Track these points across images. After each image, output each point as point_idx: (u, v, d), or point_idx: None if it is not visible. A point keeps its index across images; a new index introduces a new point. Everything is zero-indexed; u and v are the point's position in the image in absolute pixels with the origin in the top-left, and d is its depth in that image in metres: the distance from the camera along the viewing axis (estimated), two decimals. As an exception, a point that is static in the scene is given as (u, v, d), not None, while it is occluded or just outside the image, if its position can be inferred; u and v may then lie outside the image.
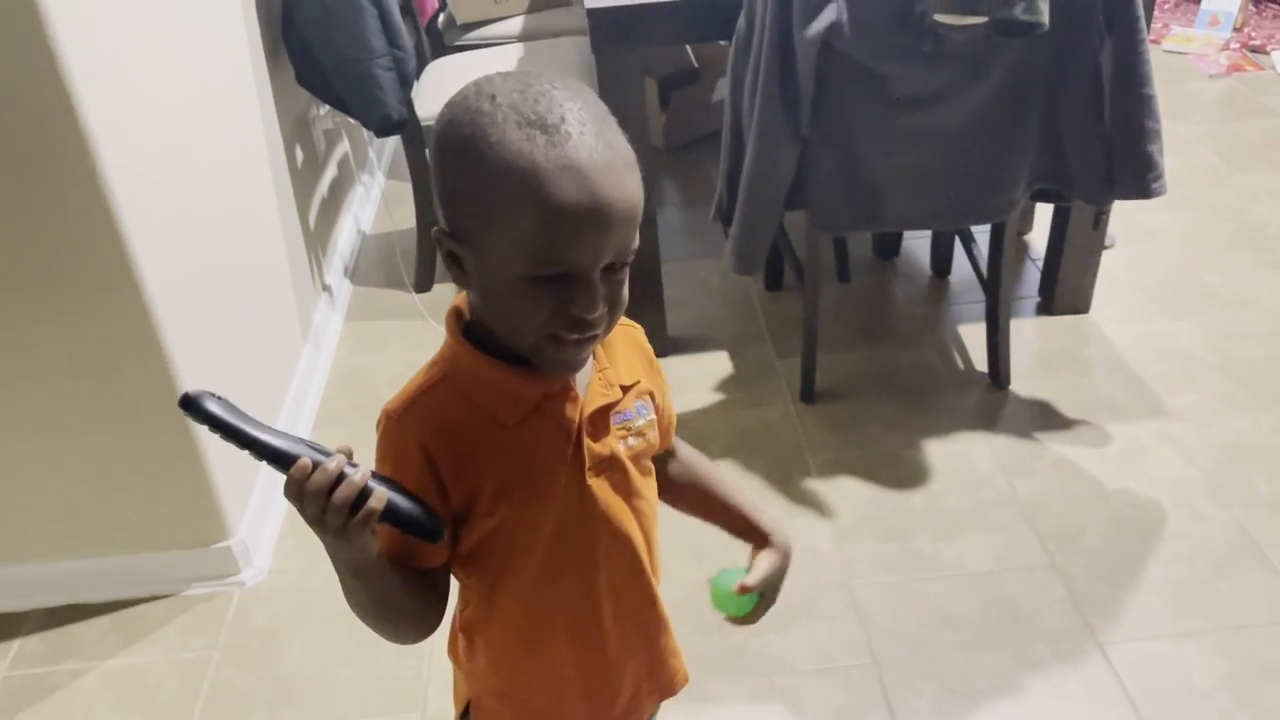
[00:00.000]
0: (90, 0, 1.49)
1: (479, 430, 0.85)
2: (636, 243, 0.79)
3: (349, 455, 0.76)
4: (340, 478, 0.74)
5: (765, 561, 1.03)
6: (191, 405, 0.74)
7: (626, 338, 0.95)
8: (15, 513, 1.79)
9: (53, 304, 1.60)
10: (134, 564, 1.86)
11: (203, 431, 1.70)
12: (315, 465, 0.74)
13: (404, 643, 0.91)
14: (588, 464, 0.88)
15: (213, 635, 1.79)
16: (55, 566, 1.84)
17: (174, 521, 1.83)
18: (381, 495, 0.76)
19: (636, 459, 0.93)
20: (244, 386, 1.99)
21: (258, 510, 1.94)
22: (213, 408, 0.74)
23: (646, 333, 0.99)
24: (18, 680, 1.73)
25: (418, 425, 0.84)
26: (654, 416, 0.95)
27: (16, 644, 1.80)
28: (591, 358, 0.90)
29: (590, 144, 0.74)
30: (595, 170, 0.73)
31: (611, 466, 0.91)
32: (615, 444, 0.91)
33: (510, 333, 0.82)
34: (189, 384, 1.70)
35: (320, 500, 0.74)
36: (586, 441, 0.88)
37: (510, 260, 0.76)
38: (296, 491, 0.75)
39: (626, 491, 0.93)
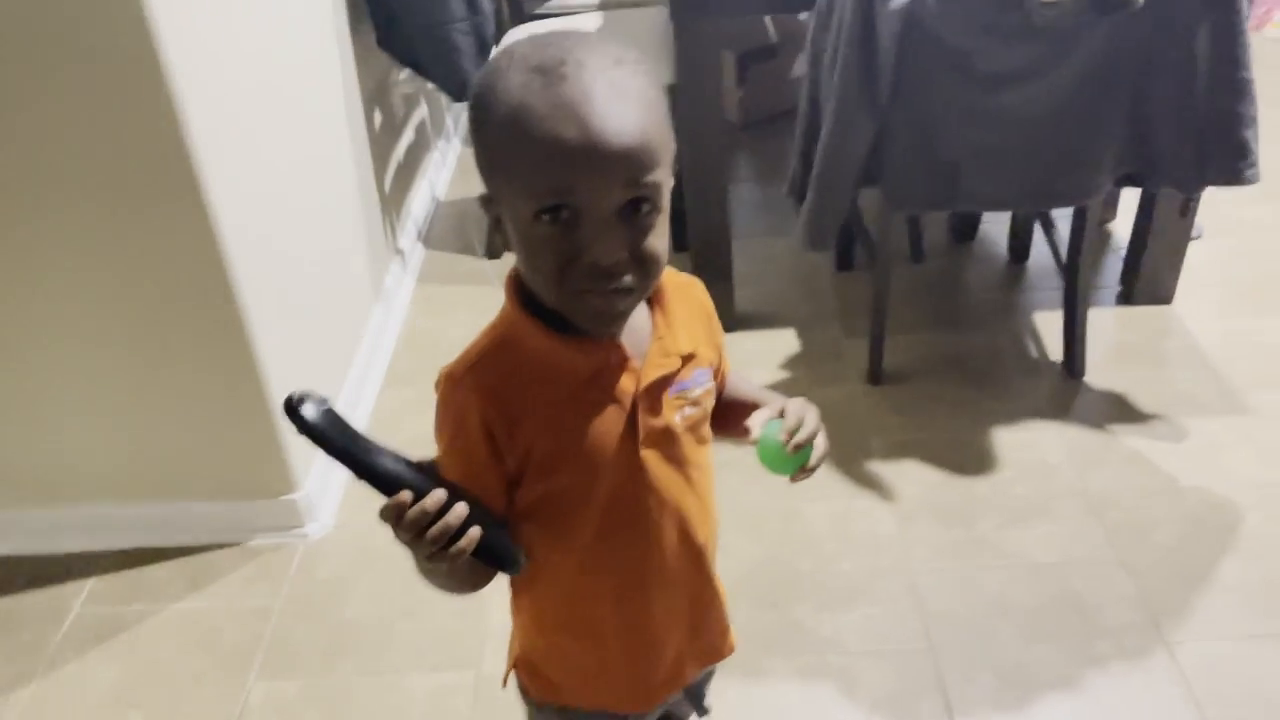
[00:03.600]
0: (180, -44, 1.52)
1: (533, 397, 0.84)
2: (658, 181, 0.76)
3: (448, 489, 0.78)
4: (437, 516, 0.77)
5: (790, 404, 0.92)
6: (293, 411, 0.74)
7: (686, 297, 0.93)
8: (92, 456, 1.85)
9: (133, 252, 1.64)
10: (203, 512, 1.91)
11: (273, 384, 1.76)
12: (416, 496, 0.76)
13: (462, 595, 0.93)
14: (641, 436, 0.88)
15: (276, 585, 1.83)
16: (129, 510, 1.90)
17: (243, 472, 1.87)
18: (474, 536, 0.78)
19: (692, 428, 0.92)
20: (316, 341, 2.03)
21: (324, 465, 1.98)
22: (311, 416, 0.74)
23: (715, 306, 0.98)
24: (90, 617, 1.79)
25: (474, 389, 0.84)
26: (712, 384, 0.94)
27: (90, 582, 1.86)
28: (650, 326, 0.88)
29: (587, 81, 0.73)
30: (588, 103, 0.72)
31: (665, 438, 0.90)
32: (671, 415, 0.90)
33: (541, 289, 0.81)
34: (262, 336, 1.74)
35: (414, 531, 0.77)
36: (642, 415, 0.87)
37: (520, 204, 0.76)
38: (393, 519, 0.77)
39: (680, 461, 0.92)
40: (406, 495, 0.76)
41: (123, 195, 1.58)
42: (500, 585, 0.94)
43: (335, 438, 0.75)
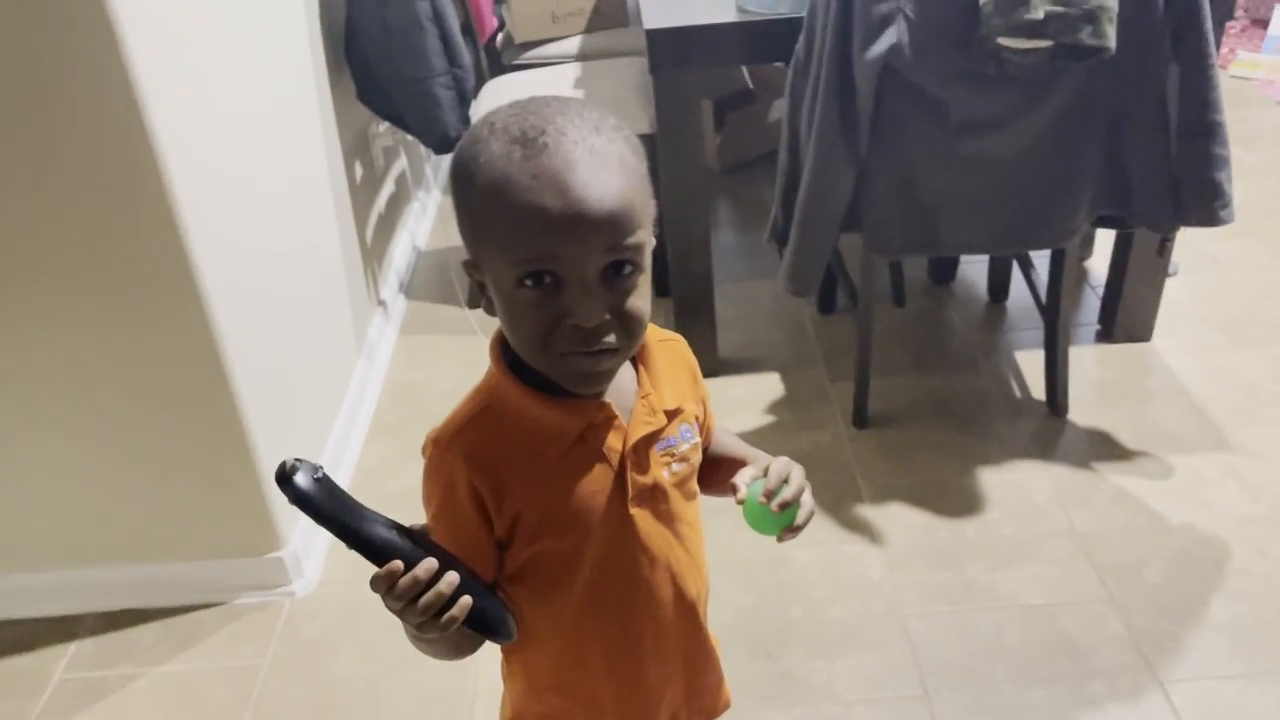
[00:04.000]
0: (162, 15, 1.53)
1: (521, 461, 0.85)
2: (639, 243, 0.77)
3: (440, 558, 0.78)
4: (428, 585, 0.77)
5: (774, 464, 0.91)
6: (285, 480, 0.74)
7: (670, 353, 0.94)
8: (75, 518, 1.82)
9: (114, 311, 1.63)
10: (187, 571, 1.88)
11: (257, 442, 1.74)
12: (407, 565, 0.76)
13: (452, 661, 0.92)
14: (631, 494, 0.88)
15: (263, 644, 1.81)
16: (112, 571, 1.87)
17: (227, 531, 1.85)
18: (465, 604, 0.78)
19: (680, 484, 0.92)
20: (300, 396, 2.02)
21: (310, 522, 1.95)
22: (304, 485, 0.74)
23: (697, 354, 0.98)
24: (74, 683, 1.76)
25: (462, 456, 0.84)
26: (698, 440, 0.94)
27: (73, 646, 1.83)
28: (635, 384, 0.89)
29: (567, 150, 0.74)
30: (569, 172, 0.73)
31: (654, 495, 0.90)
32: (659, 472, 0.90)
33: (526, 353, 0.81)
34: (246, 394, 1.73)
35: (406, 600, 0.77)
36: (630, 472, 0.87)
37: (503, 271, 0.77)
38: (384, 588, 0.77)
39: (669, 518, 0.92)
40: (398, 564, 0.76)
41: (104, 255, 1.58)
42: (491, 645, 0.93)
43: (327, 507, 0.75)
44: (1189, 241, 2.64)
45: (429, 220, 3.27)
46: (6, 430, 1.73)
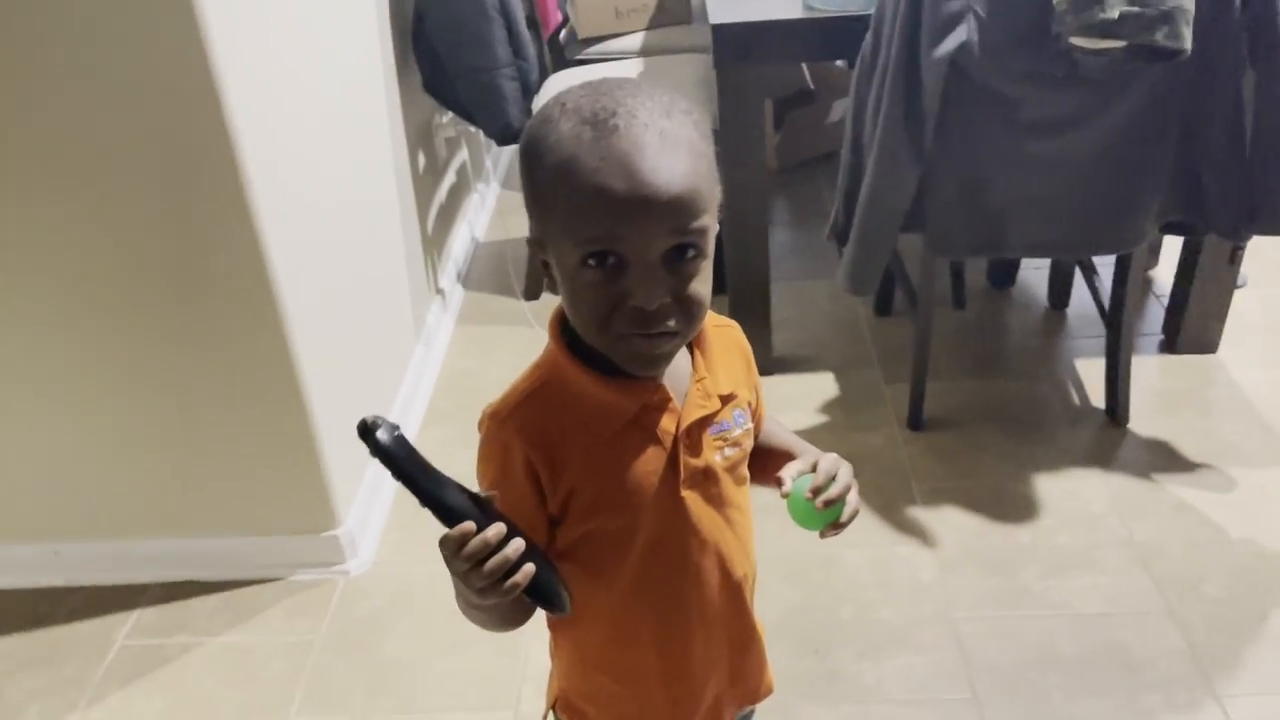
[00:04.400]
0: (240, 6, 1.56)
1: (576, 439, 0.85)
2: (703, 227, 0.77)
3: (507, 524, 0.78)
4: (496, 549, 0.77)
5: (822, 460, 0.92)
6: (367, 434, 0.75)
7: (725, 339, 0.94)
8: (140, 491, 1.87)
9: (184, 291, 1.67)
10: (247, 547, 1.92)
11: (318, 422, 1.77)
12: (477, 529, 0.76)
13: (499, 632, 0.93)
14: (683, 477, 0.88)
15: (317, 620, 1.84)
16: (174, 543, 1.92)
17: (287, 508, 1.88)
18: (529, 571, 0.78)
19: (732, 469, 0.93)
20: (360, 378, 2.05)
21: (365, 502, 1.99)
22: (385, 440, 0.75)
23: (753, 350, 0.98)
24: (135, 649, 1.80)
25: (518, 430, 0.85)
26: (750, 425, 0.95)
27: (135, 614, 1.87)
28: (690, 367, 0.89)
29: (638, 133, 0.75)
30: (638, 155, 0.74)
31: (706, 478, 0.90)
32: (711, 456, 0.90)
33: (586, 333, 0.82)
34: (309, 373, 1.76)
35: (472, 562, 0.76)
36: (683, 455, 0.88)
37: (567, 250, 0.77)
38: (452, 549, 0.77)
39: (720, 502, 0.92)
40: (470, 526, 0.76)
41: (177, 233, 1.62)
42: (539, 625, 0.94)
43: (405, 463, 0.76)
44: (1259, 252, 2.58)
45: (488, 212, 3.31)
46: (79, 404, 1.78)
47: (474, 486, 0.88)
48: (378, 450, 0.75)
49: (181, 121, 1.53)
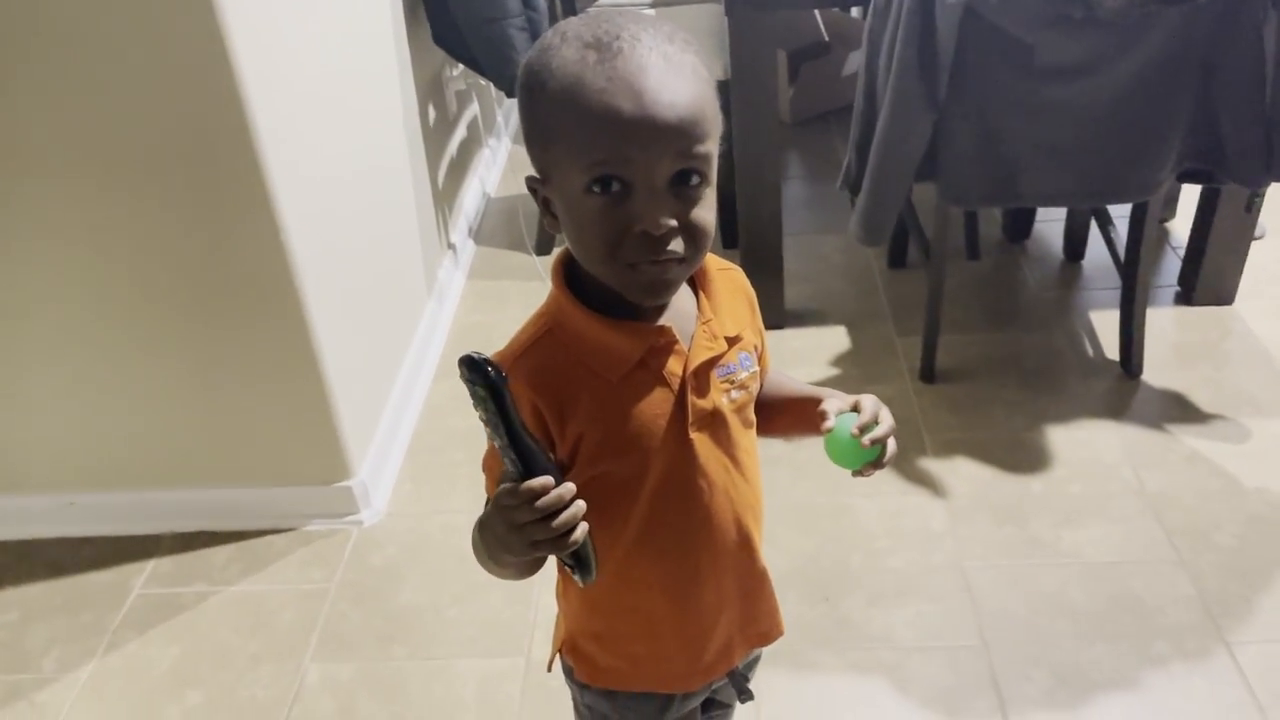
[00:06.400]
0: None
1: (583, 383, 0.85)
2: (707, 152, 0.77)
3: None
4: (565, 505, 0.76)
5: (865, 399, 0.92)
6: (476, 366, 0.73)
7: (729, 282, 0.94)
8: (155, 442, 1.89)
9: (195, 241, 1.67)
10: (261, 497, 1.94)
11: (331, 375, 1.78)
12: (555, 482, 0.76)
13: (511, 581, 0.93)
14: (690, 418, 0.88)
15: (330, 570, 1.86)
16: (189, 494, 1.94)
17: (300, 459, 1.90)
18: (584, 529, 0.78)
19: (739, 411, 0.92)
20: (372, 331, 2.05)
21: (378, 453, 2.00)
22: (494, 376, 0.73)
23: (764, 305, 0.98)
24: (151, 598, 1.83)
25: (525, 379, 0.84)
26: (756, 368, 0.94)
27: (151, 564, 1.90)
28: (695, 309, 0.89)
29: (642, 55, 0.74)
30: (643, 76, 0.74)
31: (714, 420, 0.90)
32: (719, 398, 0.90)
33: (592, 264, 0.81)
34: (322, 326, 1.76)
35: (540, 515, 0.76)
36: (690, 396, 0.87)
37: (571, 176, 0.77)
38: (525, 499, 0.76)
39: (728, 444, 0.92)
40: (549, 480, 0.76)
41: (188, 187, 1.62)
42: (548, 572, 0.94)
43: (506, 403, 0.75)
44: (1278, 203, 2.55)
45: (499, 168, 3.29)
46: (90, 354, 1.79)
47: (483, 443, 0.88)
48: (488, 384, 0.74)
49: (192, 81, 1.52)
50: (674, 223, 0.77)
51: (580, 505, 0.77)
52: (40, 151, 1.59)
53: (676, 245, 0.78)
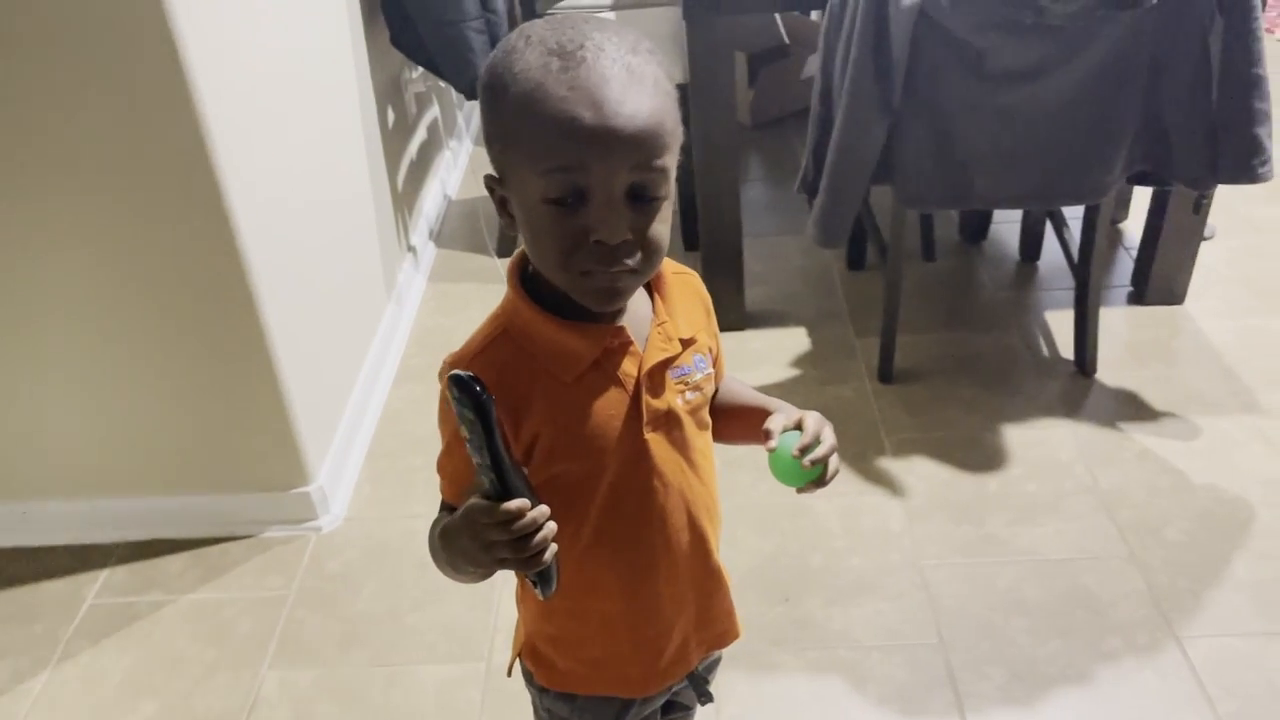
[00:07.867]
0: (198, -50, 1.53)
1: (537, 384, 0.85)
2: (665, 166, 0.77)
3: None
4: (538, 529, 0.76)
5: (808, 418, 0.92)
6: (466, 386, 0.73)
7: (684, 286, 0.94)
8: (107, 449, 1.86)
9: (148, 244, 1.65)
10: (217, 504, 1.92)
11: (288, 379, 1.77)
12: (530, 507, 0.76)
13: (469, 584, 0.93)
14: (645, 419, 0.88)
15: (288, 576, 1.84)
16: (143, 502, 1.91)
17: (257, 466, 1.88)
18: (554, 550, 0.78)
19: (693, 412, 0.93)
20: (330, 336, 2.04)
21: (337, 459, 1.99)
22: (484, 395, 0.74)
23: (724, 308, 0.98)
24: (105, 608, 1.80)
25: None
26: (711, 370, 0.95)
27: (104, 573, 1.87)
28: (650, 311, 0.89)
29: (604, 66, 0.74)
30: (605, 87, 0.74)
31: (669, 421, 0.90)
32: (673, 399, 0.90)
33: (547, 268, 0.81)
34: (278, 331, 1.75)
35: (511, 537, 0.76)
36: (645, 397, 0.88)
37: (529, 182, 0.77)
38: (500, 520, 0.76)
39: (683, 445, 0.92)
40: (526, 503, 0.76)
41: (140, 189, 1.60)
42: (508, 577, 0.94)
43: (492, 422, 0.75)
44: (1225, 205, 2.60)
45: (460, 170, 3.28)
46: (41, 361, 1.76)
47: (437, 444, 0.88)
48: (476, 403, 0.74)
49: (142, 81, 1.50)
50: (629, 235, 0.77)
51: (552, 527, 0.77)
52: (-13, 155, 1.57)
53: (630, 259, 0.78)
